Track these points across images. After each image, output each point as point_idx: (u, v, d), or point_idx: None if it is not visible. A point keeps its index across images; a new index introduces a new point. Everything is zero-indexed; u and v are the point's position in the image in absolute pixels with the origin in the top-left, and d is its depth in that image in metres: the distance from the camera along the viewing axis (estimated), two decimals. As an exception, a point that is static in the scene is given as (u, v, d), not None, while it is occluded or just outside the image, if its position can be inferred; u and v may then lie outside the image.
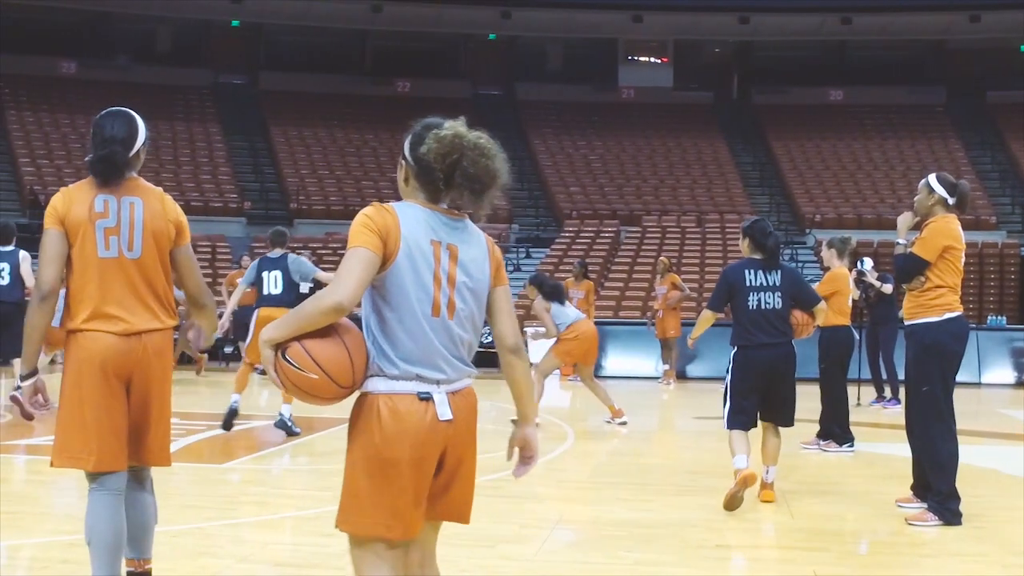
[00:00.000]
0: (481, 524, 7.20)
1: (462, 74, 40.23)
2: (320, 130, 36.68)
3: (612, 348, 21.68)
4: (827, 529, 7.41)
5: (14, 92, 35.35)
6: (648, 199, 34.35)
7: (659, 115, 38.18)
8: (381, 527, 3.62)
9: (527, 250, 30.45)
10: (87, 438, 4.76)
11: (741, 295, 8.22)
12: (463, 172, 3.67)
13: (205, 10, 37.55)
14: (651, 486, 9.01)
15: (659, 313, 19.78)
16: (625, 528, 7.22)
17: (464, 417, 3.70)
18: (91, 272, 4.80)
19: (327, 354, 3.55)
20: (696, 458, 10.92)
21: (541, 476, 9.39)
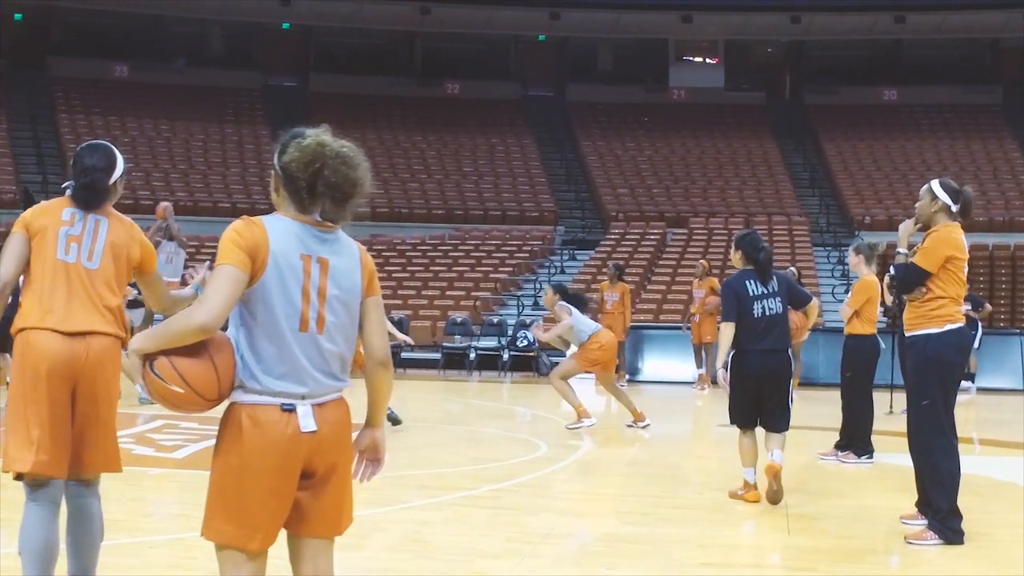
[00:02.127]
0: (467, 537, 7.13)
1: (512, 75, 40.14)
2: (368, 132, 36.65)
3: (650, 352, 21.48)
4: (822, 547, 7.20)
5: (67, 95, 35.74)
6: (696, 201, 34.05)
7: (710, 116, 37.85)
8: (240, 536, 3.62)
9: (572, 252, 30.27)
10: (28, 441, 4.77)
11: (746, 304, 8.47)
12: (325, 181, 3.67)
13: (256, 13, 37.75)
14: (653, 499, 8.82)
15: (695, 317, 19.53)
16: (612, 543, 7.07)
17: (332, 429, 3.69)
18: (47, 273, 4.93)
19: (193, 369, 3.58)
20: (709, 469, 10.72)
21: (545, 487, 9.28)
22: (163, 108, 35.65)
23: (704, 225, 30.90)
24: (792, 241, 29.14)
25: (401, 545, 6.90)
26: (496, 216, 33.16)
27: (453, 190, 34.49)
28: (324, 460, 3.67)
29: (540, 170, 35.84)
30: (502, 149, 36.77)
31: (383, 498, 8.56)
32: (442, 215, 33.02)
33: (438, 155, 36.22)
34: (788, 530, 7.63)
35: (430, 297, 26.15)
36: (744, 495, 8.55)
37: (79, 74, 36.36)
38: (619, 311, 19.90)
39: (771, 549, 7.17)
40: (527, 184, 35.13)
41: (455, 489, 8.96)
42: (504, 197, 34.32)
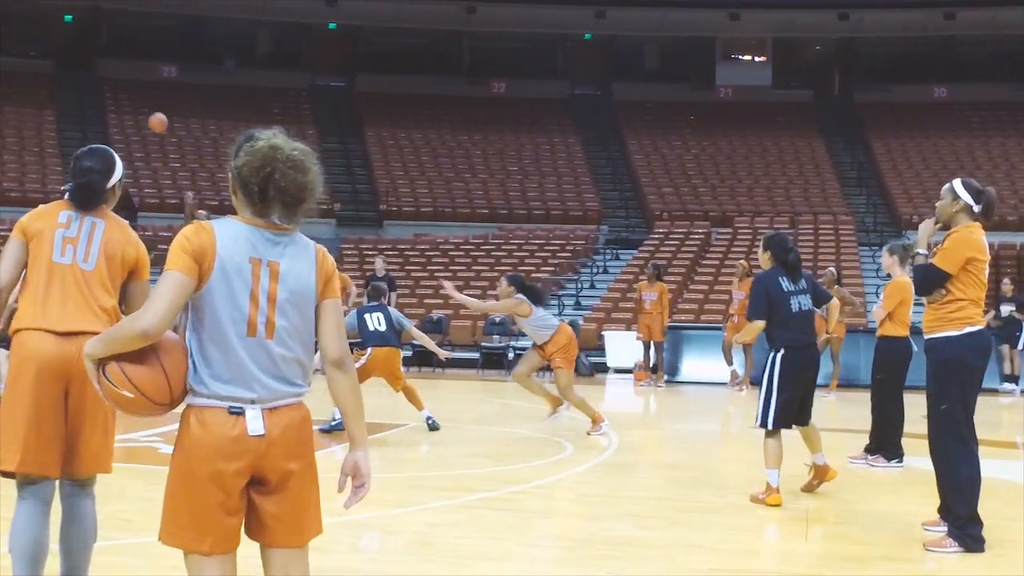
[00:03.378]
0: (474, 540, 7.05)
1: (558, 74, 40.06)
2: (414, 131, 36.77)
3: (690, 353, 21.29)
4: (838, 554, 7.05)
5: (115, 96, 36.08)
6: (741, 200, 33.80)
7: (757, 114, 37.57)
8: (190, 540, 3.59)
9: (615, 252, 30.13)
10: (15, 439, 4.79)
11: (782, 300, 8.56)
12: (275, 185, 3.62)
13: (303, 13, 37.92)
14: (671, 501, 8.70)
15: (734, 318, 19.33)
16: (621, 548, 6.94)
17: (283, 434, 3.62)
18: (42, 274, 4.95)
19: (142, 374, 3.57)
20: (734, 472, 10.58)
21: (566, 489, 9.19)
22: (211, 109, 35.89)
23: (749, 224, 30.64)
24: (838, 241, 28.83)
25: (406, 548, 6.83)
26: (540, 215, 33.08)
27: (497, 189, 34.44)
28: (275, 466, 3.61)
29: (585, 169, 35.72)
30: (547, 148, 36.68)
31: (397, 500, 8.51)
32: (486, 214, 32.98)
33: (483, 154, 36.19)
34: (806, 536, 7.49)
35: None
36: (766, 499, 8.43)
37: (128, 75, 36.71)
38: (657, 311, 19.75)
39: (784, 555, 7.02)
40: (572, 183, 35.02)
41: (472, 491, 8.88)
42: (548, 196, 34.24)
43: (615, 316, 24.16)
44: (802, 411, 8.73)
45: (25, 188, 30.87)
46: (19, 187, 30.91)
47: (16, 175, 31.67)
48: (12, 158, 32.54)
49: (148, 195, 31.30)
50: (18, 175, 31.68)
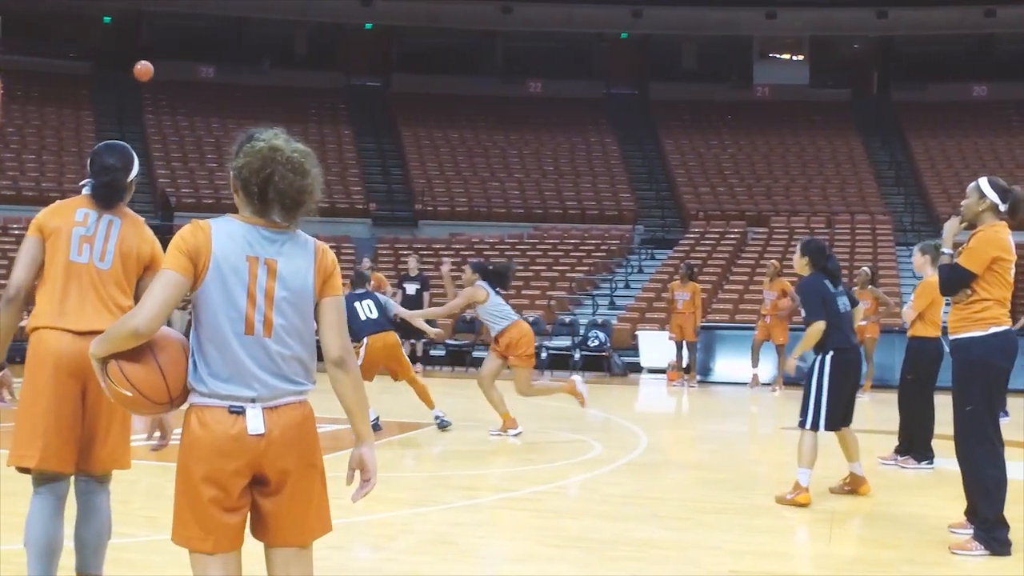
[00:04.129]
0: (496, 540, 7.06)
1: (594, 74, 39.98)
2: (450, 131, 36.80)
3: (723, 353, 21.20)
4: (860, 556, 7.00)
5: (153, 96, 36.29)
6: (778, 199, 33.63)
7: (794, 113, 37.37)
8: (194, 539, 3.62)
9: (650, 252, 30.04)
10: (34, 436, 4.84)
11: (831, 302, 8.69)
12: (275, 187, 3.64)
13: (338, 13, 38.02)
14: (695, 503, 8.65)
15: (766, 319, 19.21)
16: (643, 549, 6.92)
17: (284, 433, 3.62)
18: (59, 273, 4.97)
19: (138, 373, 3.61)
20: (761, 474, 10.54)
21: (590, 489, 9.16)
22: (248, 109, 35.99)
23: (785, 224, 30.47)
24: (875, 240, 28.63)
25: (427, 547, 6.83)
26: (575, 215, 33.03)
27: (533, 189, 34.42)
28: (275, 465, 3.61)
29: (621, 169, 35.64)
30: (583, 148, 36.62)
31: (421, 499, 8.53)
32: (521, 214, 32.96)
33: (519, 154, 36.17)
34: (829, 538, 7.44)
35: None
36: (796, 498, 8.40)
37: (166, 76, 36.77)
38: (690, 311, 19.69)
39: (806, 557, 6.98)
40: (607, 183, 34.95)
41: (497, 491, 8.89)
42: (584, 196, 34.18)
43: (649, 316, 24.08)
44: (848, 412, 8.82)
45: (64, 188, 31.09)
46: (57, 187, 31.14)
47: (55, 175, 31.93)
48: (51, 158, 32.82)
49: (185, 195, 31.47)
50: (56, 175, 31.94)
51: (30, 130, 33.48)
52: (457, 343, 23.08)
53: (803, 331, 8.87)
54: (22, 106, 34.24)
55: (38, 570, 4.84)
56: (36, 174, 31.31)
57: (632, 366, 22.46)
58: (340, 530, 6.96)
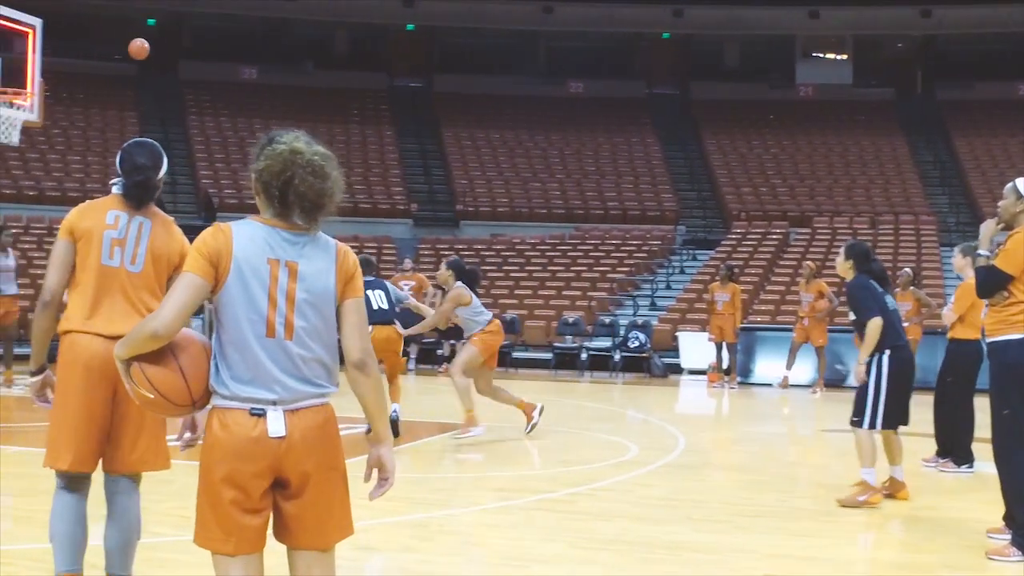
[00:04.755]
0: (528, 542, 7.03)
1: (636, 74, 39.88)
2: (491, 132, 36.82)
3: (763, 354, 21.06)
4: (896, 561, 6.94)
5: (196, 97, 36.56)
6: (821, 200, 33.41)
7: (837, 113, 37.11)
8: (215, 541, 3.63)
9: (692, 252, 29.92)
10: (67, 438, 4.90)
11: (882, 300, 8.70)
12: (295, 191, 3.64)
13: (380, 14, 38.14)
14: (732, 505, 8.60)
15: (804, 321, 19.08)
16: (676, 552, 6.89)
17: (304, 435, 3.62)
18: (90, 277, 5.00)
19: (160, 375, 3.63)
20: (799, 476, 10.48)
21: (626, 491, 9.12)
22: (290, 110, 36.17)
23: (828, 224, 30.27)
24: (919, 241, 28.38)
25: (458, 548, 6.84)
26: (617, 215, 32.97)
27: (574, 189, 34.38)
28: (296, 467, 3.61)
29: (663, 169, 35.54)
30: (625, 148, 36.55)
31: (455, 500, 8.54)
32: (562, 214, 32.93)
33: (560, 154, 36.14)
34: (866, 542, 7.38)
35: (546, 297, 26.08)
36: (869, 499, 8.41)
37: (208, 77, 37.21)
38: (729, 312, 19.60)
39: (842, 562, 6.90)
40: (649, 183, 34.86)
41: (532, 492, 8.87)
42: (625, 196, 34.11)
43: (690, 317, 23.99)
44: (905, 412, 8.76)
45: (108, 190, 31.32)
46: (101, 188, 31.38)
47: (99, 176, 32.17)
48: (96, 159, 33.10)
49: (227, 195, 31.64)
50: (101, 176, 32.18)
51: (75, 131, 33.80)
52: (497, 343, 23.02)
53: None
54: (67, 108, 34.56)
55: (65, 563, 4.92)
56: (81, 175, 31.61)
57: (673, 367, 22.38)
58: (372, 531, 7.04)
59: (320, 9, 37.65)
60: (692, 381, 21.41)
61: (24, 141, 30.71)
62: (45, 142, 32.60)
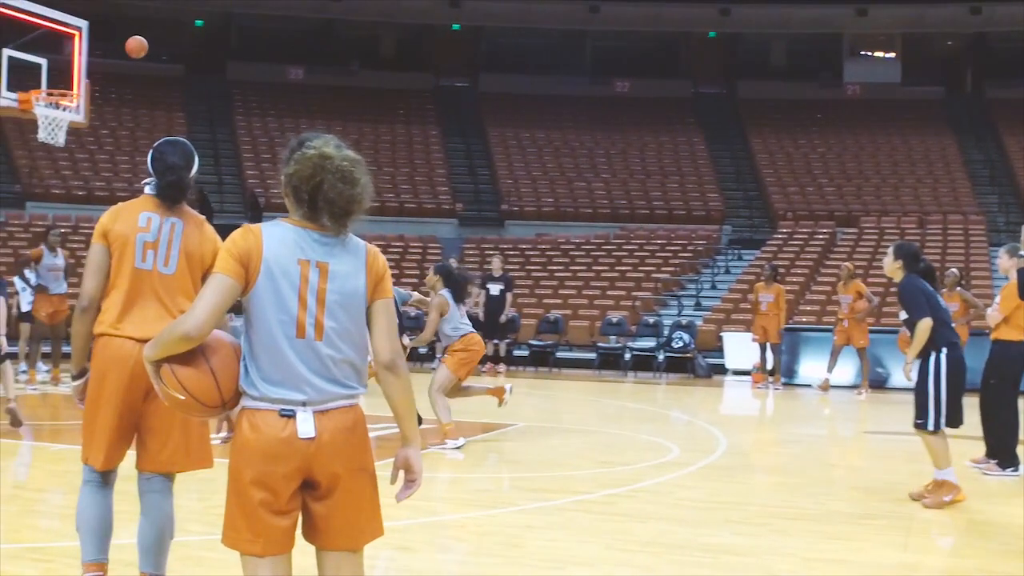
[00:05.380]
0: (565, 543, 7.04)
1: (682, 73, 39.74)
2: (537, 131, 36.81)
3: (808, 355, 20.91)
4: (933, 565, 6.89)
5: (243, 97, 36.82)
6: (868, 199, 33.15)
7: (885, 112, 36.78)
8: (245, 541, 3.65)
9: (738, 252, 29.79)
10: (99, 438, 5.02)
11: (933, 298, 8.69)
12: (324, 196, 3.65)
13: (426, 15, 38.23)
14: (771, 508, 8.57)
15: (844, 323, 18.94)
16: (714, 554, 6.88)
17: (334, 437, 3.64)
18: (123, 281, 5.07)
19: (191, 376, 3.65)
20: (839, 478, 10.41)
21: (665, 492, 9.10)
22: (336, 110, 36.40)
23: (876, 224, 30.04)
24: (967, 241, 28.11)
25: (494, 549, 6.85)
26: (662, 215, 32.87)
27: (620, 189, 34.32)
28: (325, 468, 3.63)
29: (709, 168, 35.40)
30: (671, 147, 36.45)
31: (493, 501, 8.55)
32: (607, 214, 32.88)
33: (606, 154, 36.08)
34: (905, 546, 7.32)
35: (590, 296, 26.06)
36: (954, 498, 8.41)
37: (256, 77, 37.45)
38: (774, 312, 19.50)
39: (878, 566, 6.84)
40: (695, 183, 34.74)
41: (571, 493, 8.87)
42: (671, 196, 34.01)
43: (735, 317, 23.89)
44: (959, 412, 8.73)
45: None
46: (151, 188, 31.72)
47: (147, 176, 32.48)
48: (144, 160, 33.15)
49: (274, 195, 31.80)
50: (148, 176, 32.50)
51: (123, 132, 34.12)
52: (541, 343, 23.07)
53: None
54: (116, 108, 34.92)
55: (91, 550, 5.04)
56: (129, 175, 31.87)
57: (717, 368, 22.30)
58: (411, 531, 7.08)
59: (366, 9, 37.81)
60: (736, 382, 21.32)
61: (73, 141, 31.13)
62: (94, 142, 32.94)
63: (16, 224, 28.05)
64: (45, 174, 31.17)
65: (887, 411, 16.63)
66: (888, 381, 19.77)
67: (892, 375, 19.59)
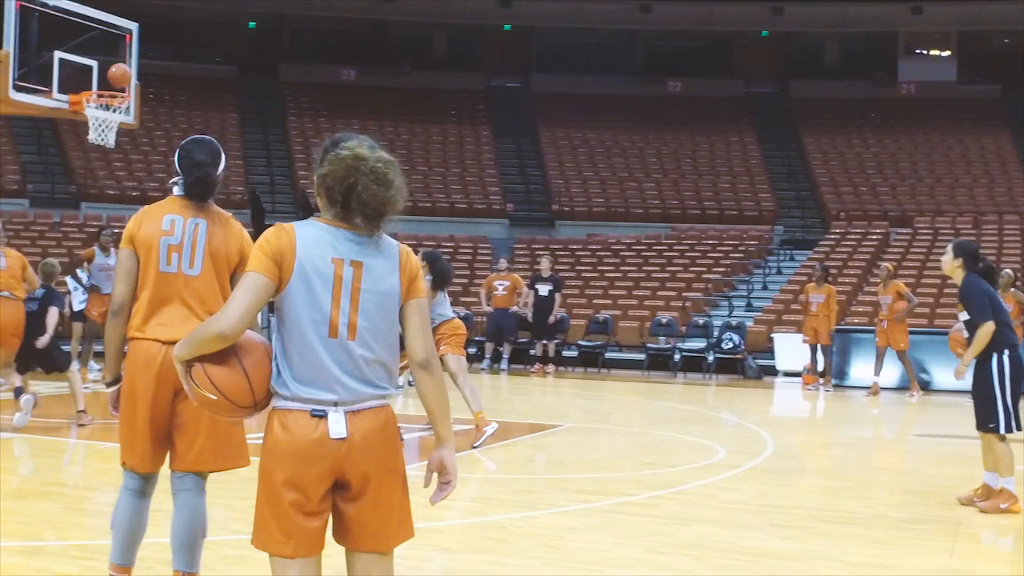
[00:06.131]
0: (604, 545, 7.00)
1: (734, 72, 39.50)
2: (588, 131, 36.73)
3: (859, 356, 20.68)
4: (979, 571, 6.77)
5: (296, 99, 36.99)
6: (922, 199, 32.78)
7: (941, 110, 36.38)
8: (275, 543, 3.63)
9: (790, 253, 29.56)
10: (133, 441, 5.08)
11: (996, 299, 8.58)
12: (358, 198, 3.62)
13: (477, 15, 38.25)
14: (817, 511, 8.48)
15: (883, 324, 18.74)
16: (754, 558, 6.81)
17: (365, 437, 3.62)
18: (150, 284, 5.10)
19: (223, 376, 3.63)
20: (886, 482, 10.28)
21: (708, 495, 9.03)
22: (388, 110, 36.53)
23: (930, 224, 29.70)
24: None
25: (533, 551, 6.81)
26: (713, 215, 32.69)
27: (671, 189, 34.17)
28: (356, 469, 3.61)
29: (761, 168, 35.16)
30: (723, 147, 36.25)
31: (535, 502, 8.52)
32: (658, 214, 32.74)
33: (657, 154, 35.93)
34: (951, 551, 7.20)
35: (640, 297, 25.96)
36: (1012, 507, 8.32)
37: (308, 78, 37.64)
38: (824, 313, 19.32)
39: (923, 572, 6.74)
40: (747, 183, 34.51)
41: (613, 495, 8.83)
42: (723, 196, 33.81)
43: (786, 318, 23.69)
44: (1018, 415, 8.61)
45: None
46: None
47: (201, 177, 32.75)
48: (197, 161, 33.63)
49: (325, 196, 32.00)
50: (203, 177, 32.77)
51: (176, 133, 34.36)
52: (590, 344, 23.00)
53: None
54: (170, 110, 35.24)
55: (119, 554, 5.12)
56: (183, 176, 32.12)
57: (768, 369, 22.13)
58: (450, 532, 7.08)
59: (418, 10, 37.89)
60: (786, 383, 21.16)
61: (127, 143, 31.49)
62: (148, 143, 33.25)
63: (71, 224, 28.36)
64: (99, 175, 31.50)
65: (937, 414, 16.44)
66: (931, 384, 19.53)
67: (935, 377, 19.35)
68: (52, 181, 31.53)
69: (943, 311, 22.48)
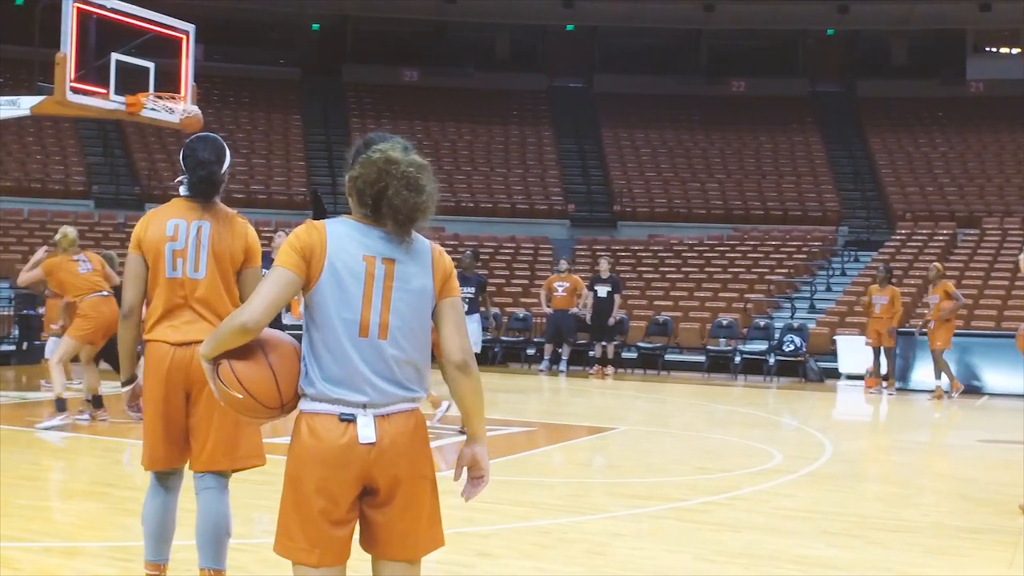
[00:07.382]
0: (651, 552, 6.89)
1: (799, 71, 39.06)
2: (651, 132, 36.52)
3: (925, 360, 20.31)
4: (1039, 582, 6.57)
5: (359, 100, 37.16)
6: (991, 199, 32.21)
7: (1011, 109, 35.68)
8: (299, 551, 3.55)
9: (854, 254, 29.17)
10: (149, 441, 5.16)
11: None
12: (388, 203, 3.53)
13: (540, 15, 38.15)
14: (871, 519, 8.28)
15: (930, 324, 18.41)
16: (804, 566, 6.65)
17: (394, 441, 3.53)
18: (159, 290, 5.18)
19: (250, 375, 3.56)
20: (944, 489, 10.05)
21: (761, 501, 8.87)
22: (451, 111, 36.55)
23: (998, 225, 29.19)
24: (1095, 242, 27.16)
25: (578, 557, 6.70)
26: (777, 216, 32.35)
27: (734, 190, 33.87)
28: (385, 474, 3.53)
29: (825, 168, 34.76)
30: (787, 147, 35.88)
31: (584, 506, 8.42)
32: (721, 215, 32.47)
33: (720, 154, 35.64)
34: (1011, 563, 7.00)
35: (701, 299, 25.74)
36: None
37: (371, 80, 37.78)
38: (887, 315, 19.02)
39: (980, 582, 6.58)
40: (811, 183, 34.13)
41: (665, 500, 8.70)
42: (786, 196, 33.46)
43: (849, 320, 23.35)
44: None
45: (271, 191, 32.13)
46: (265, 190, 32.19)
47: (264, 178, 32.97)
48: (261, 162, 33.89)
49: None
50: (265, 178, 32.99)
51: (240, 135, 34.63)
52: (650, 345, 22.82)
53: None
54: (234, 111, 35.51)
55: (149, 550, 5.19)
56: (245, 177, 32.37)
57: (830, 372, 21.84)
58: (494, 536, 6.99)
59: (480, 11, 37.85)
60: (849, 387, 20.86)
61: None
62: (212, 145, 33.47)
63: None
64: (164, 176, 31.77)
65: (1002, 418, 16.09)
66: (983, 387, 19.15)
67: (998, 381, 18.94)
68: (117, 182, 31.88)
69: (1010, 313, 22.06)
